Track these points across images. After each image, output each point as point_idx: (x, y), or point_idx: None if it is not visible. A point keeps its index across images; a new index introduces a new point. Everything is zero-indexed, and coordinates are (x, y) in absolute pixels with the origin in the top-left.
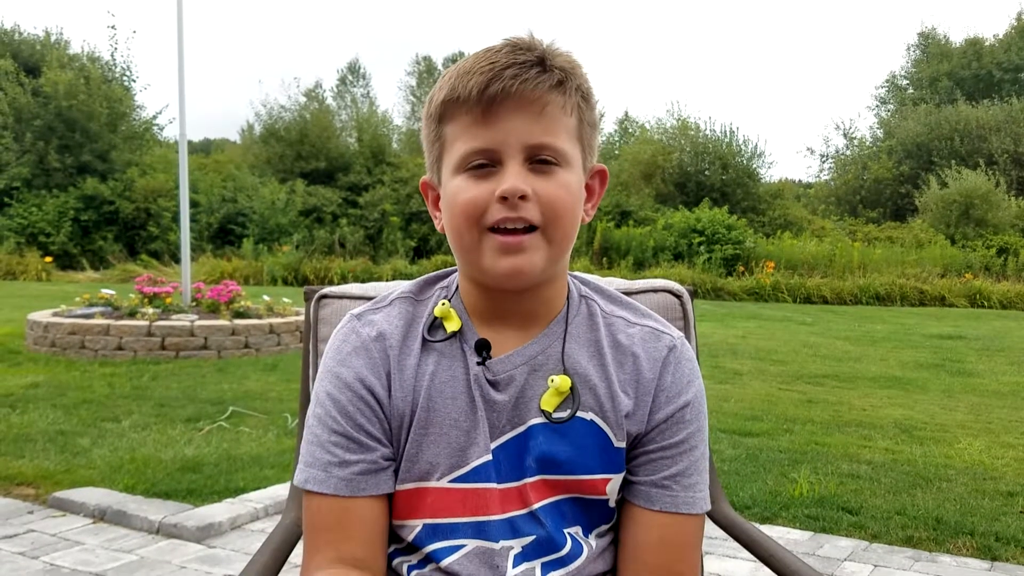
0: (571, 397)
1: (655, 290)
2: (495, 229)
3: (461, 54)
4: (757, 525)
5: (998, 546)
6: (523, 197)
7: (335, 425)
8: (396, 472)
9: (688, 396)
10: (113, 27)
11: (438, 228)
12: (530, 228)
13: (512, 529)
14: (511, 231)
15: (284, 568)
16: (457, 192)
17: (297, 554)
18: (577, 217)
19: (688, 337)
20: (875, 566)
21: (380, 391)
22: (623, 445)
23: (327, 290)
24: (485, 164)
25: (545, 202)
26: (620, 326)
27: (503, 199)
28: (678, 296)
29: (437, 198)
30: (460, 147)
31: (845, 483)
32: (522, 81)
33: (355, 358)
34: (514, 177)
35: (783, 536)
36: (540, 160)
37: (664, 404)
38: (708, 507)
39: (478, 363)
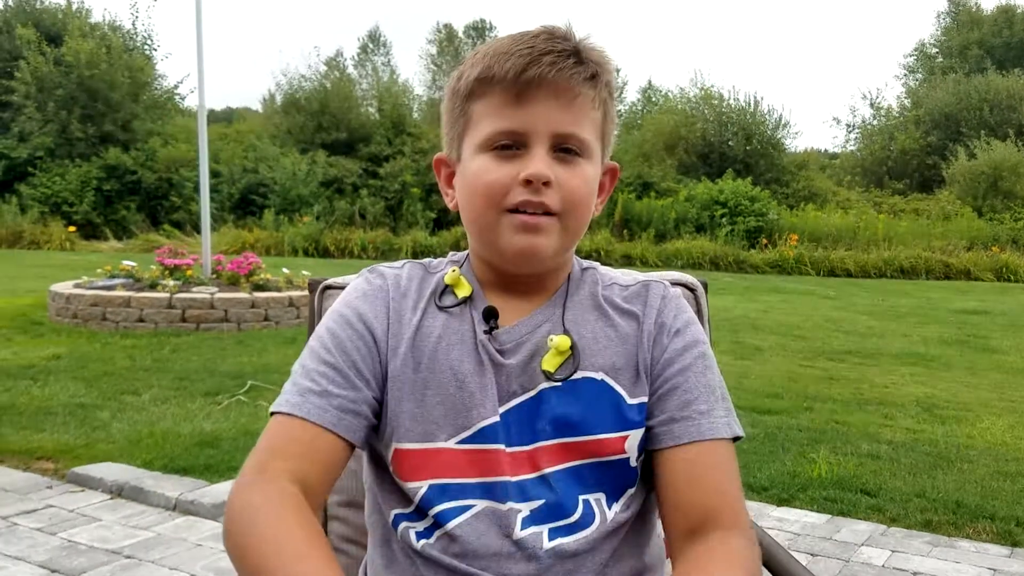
0: (572, 357)
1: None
2: (514, 211)
3: (482, 22)
4: (773, 507)
5: (1019, 531)
6: (547, 183)
7: (327, 356)
8: (379, 431)
9: (686, 329)
10: None
11: (450, 206)
12: (548, 213)
13: (521, 492)
14: (530, 213)
15: None
16: (480, 171)
17: None
18: (591, 209)
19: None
20: (892, 551)
21: (379, 333)
22: (638, 401)
23: (331, 281)
24: (510, 146)
25: (566, 191)
26: (616, 291)
27: (527, 182)
28: (692, 289)
29: (451, 175)
30: (488, 126)
31: (864, 463)
32: (558, 69)
33: (361, 301)
34: (540, 162)
35: (800, 519)
36: (565, 149)
37: (666, 342)
38: (738, 432)
39: (485, 332)
